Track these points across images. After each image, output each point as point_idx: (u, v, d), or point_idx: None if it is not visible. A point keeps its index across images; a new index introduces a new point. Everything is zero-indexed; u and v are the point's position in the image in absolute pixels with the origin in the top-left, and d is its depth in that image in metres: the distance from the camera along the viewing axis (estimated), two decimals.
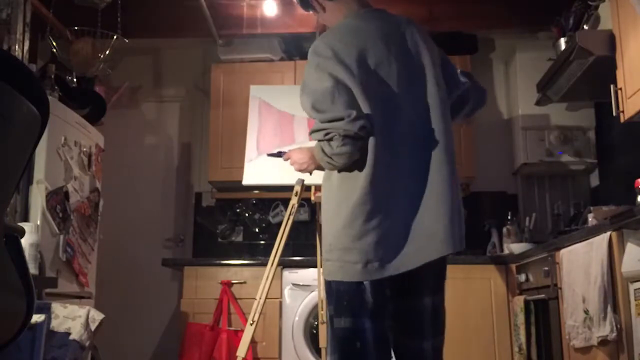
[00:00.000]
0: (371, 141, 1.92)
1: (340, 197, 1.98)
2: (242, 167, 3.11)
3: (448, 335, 3.61)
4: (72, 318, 2.47)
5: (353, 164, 1.95)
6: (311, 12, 2.26)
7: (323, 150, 1.94)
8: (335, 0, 2.14)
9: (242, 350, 2.74)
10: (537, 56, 4.09)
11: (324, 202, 2.08)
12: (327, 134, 1.91)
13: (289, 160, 2.35)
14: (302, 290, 3.68)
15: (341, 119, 1.88)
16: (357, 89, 1.92)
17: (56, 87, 3.38)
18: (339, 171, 2.00)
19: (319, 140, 1.95)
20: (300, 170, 2.31)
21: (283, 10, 4.16)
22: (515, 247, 3.69)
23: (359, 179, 1.94)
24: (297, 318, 3.66)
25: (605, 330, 2.41)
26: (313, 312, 3.63)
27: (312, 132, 1.97)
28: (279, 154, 2.59)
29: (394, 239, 1.94)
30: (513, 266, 3.60)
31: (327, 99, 1.92)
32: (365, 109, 1.92)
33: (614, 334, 2.37)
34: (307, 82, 1.99)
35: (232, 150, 4.16)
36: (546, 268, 3.06)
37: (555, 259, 2.96)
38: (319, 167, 2.17)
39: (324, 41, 2.02)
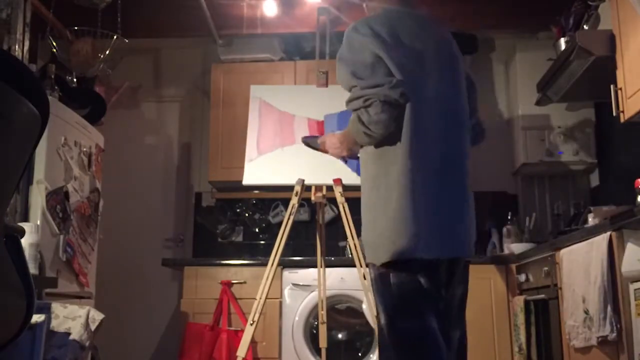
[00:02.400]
0: (407, 110, 1.93)
1: (383, 181, 1.96)
2: (242, 167, 3.11)
3: None
4: (72, 318, 2.47)
5: (388, 140, 1.94)
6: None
7: (360, 120, 1.93)
8: None
9: (242, 350, 2.74)
10: (537, 56, 4.09)
11: (365, 190, 2.04)
12: (366, 100, 1.90)
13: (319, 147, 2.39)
14: (302, 290, 3.68)
15: (382, 85, 1.89)
16: (394, 67, 1.93)
17: (56, 87, 3.38)
18: (376, 148, 1.98)
19: (356, 110, 1.94)
20: (334, 155, 2.33)
21: (283, 10, 4.16)
22: (515, 247, 3.69)
23: (398, 156, 1.93)
24: (297, 318, 3.66)
25: (605, 330, 2.41)
26: (313, 312, 3.63)
27: (349, 100, 1.96)
28: (314, 137, 2.58)
29: (443, 219, 1.95)
30: (513, 266, 3.60)
31: (368, 69, 1.94)
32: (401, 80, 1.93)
33: (614, 334, 2.37)
34: (344, 54, 2.02)
35: (232, 150, 4.16)
36: (546, 268, 3.06)
37: (555, 259, 2.96)
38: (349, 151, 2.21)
39: (363, 21, 2.05)
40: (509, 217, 4.11)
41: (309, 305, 3.66)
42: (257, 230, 4.54)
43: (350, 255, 3.53)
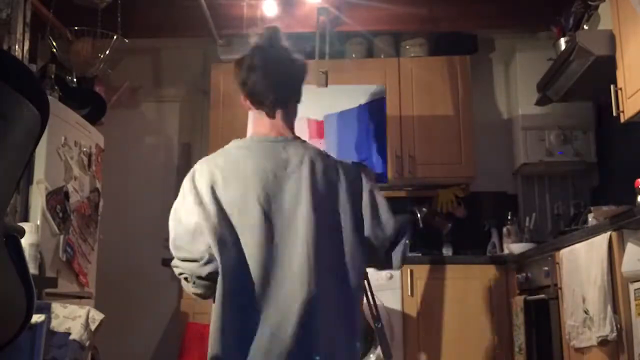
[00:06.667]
0: (218, 287, 1.86)
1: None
2: None
3: (448, 336, 3.62)
4: (72, 318, 2.47)
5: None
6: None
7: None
8: (251, 111, 2.11)
9: None
10: (537, 56, 4.09)
11: None
12: (180, 273, 1.97)
13: None
14: None
15: (194, 261, 1.90)
16: (211, 233, 1.85)
17: (56, 87, 3.38)
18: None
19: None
20: None
21: (283, 10, 4.16)
22: (515, 247, 3.69)
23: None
24: None
25: (605, 330, 2.41)
26: None
27: (172, 265, 2.01)
28: None
29: None
30: (513, 266, 3.60)
31: (189, 235, 1.93)
32: (216, 253, 1.84)
33: (614, 334, 2.37)
34: (178, 207, 2.01)
35: None
36: (546, 268, 3.06)
37: (555, 259, 2.96)
38: None
39: (202, 171, 1.97)
40: (509, 217, 4.11)
41: None
42: None
43: None
